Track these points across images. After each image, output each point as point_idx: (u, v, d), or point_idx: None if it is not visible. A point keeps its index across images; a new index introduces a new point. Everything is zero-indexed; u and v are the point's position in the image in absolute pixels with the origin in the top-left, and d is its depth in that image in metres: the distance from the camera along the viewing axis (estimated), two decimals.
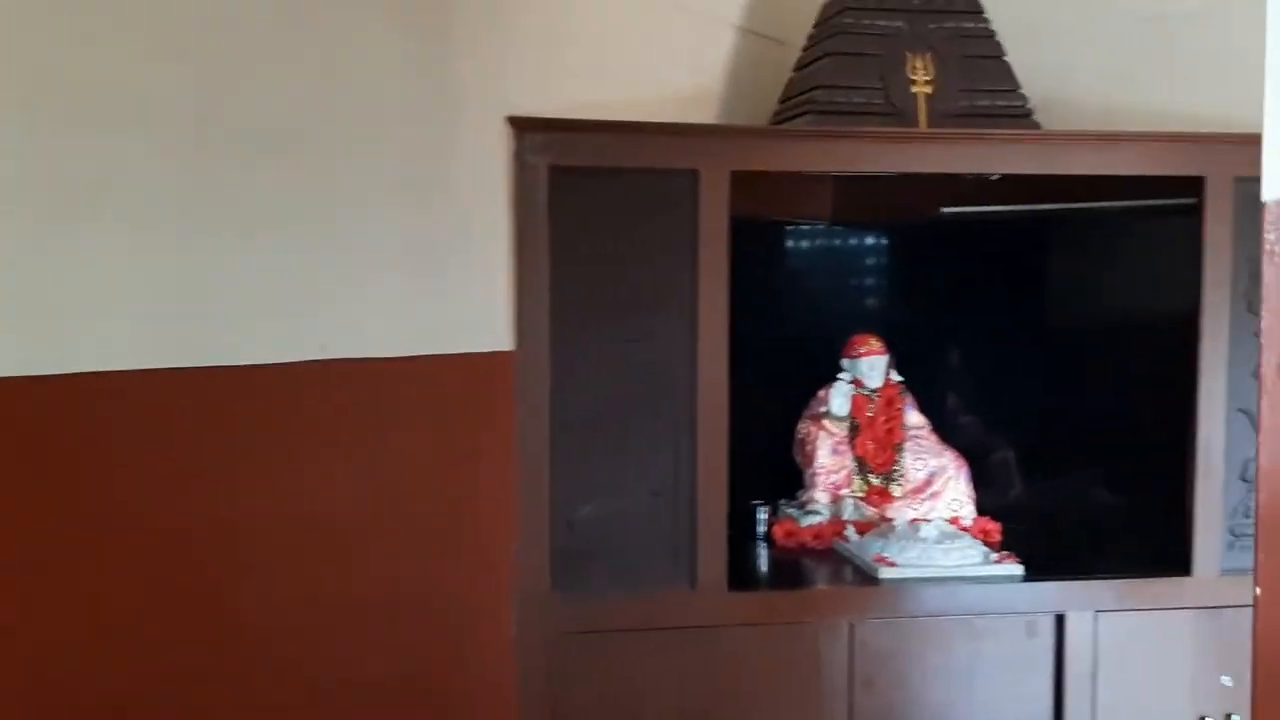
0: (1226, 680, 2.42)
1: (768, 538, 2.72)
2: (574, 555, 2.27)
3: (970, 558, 2.46)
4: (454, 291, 2.14)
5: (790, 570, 2.55)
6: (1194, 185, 2.38)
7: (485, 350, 2.20)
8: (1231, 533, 2.44)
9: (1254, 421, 2.43)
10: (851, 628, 2.36)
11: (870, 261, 3.22)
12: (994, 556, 2.47)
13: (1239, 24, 2.57)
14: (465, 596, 2.17)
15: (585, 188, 2.24)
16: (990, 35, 2.55)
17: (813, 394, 2.92)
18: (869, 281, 3.23)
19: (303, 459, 1.91)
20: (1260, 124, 2.50)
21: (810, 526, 2.70)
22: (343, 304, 1.96)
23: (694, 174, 2.25)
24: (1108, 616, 2.41)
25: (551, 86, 2.30)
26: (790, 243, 3.18)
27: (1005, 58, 2.54)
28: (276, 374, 1.86)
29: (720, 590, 2.30)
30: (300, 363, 1.89)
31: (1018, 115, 2.51)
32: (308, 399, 1.92)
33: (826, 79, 2.47)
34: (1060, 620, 2.40)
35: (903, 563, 2.44)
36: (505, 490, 2.22)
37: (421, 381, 2.08)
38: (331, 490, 1.95)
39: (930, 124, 2.45)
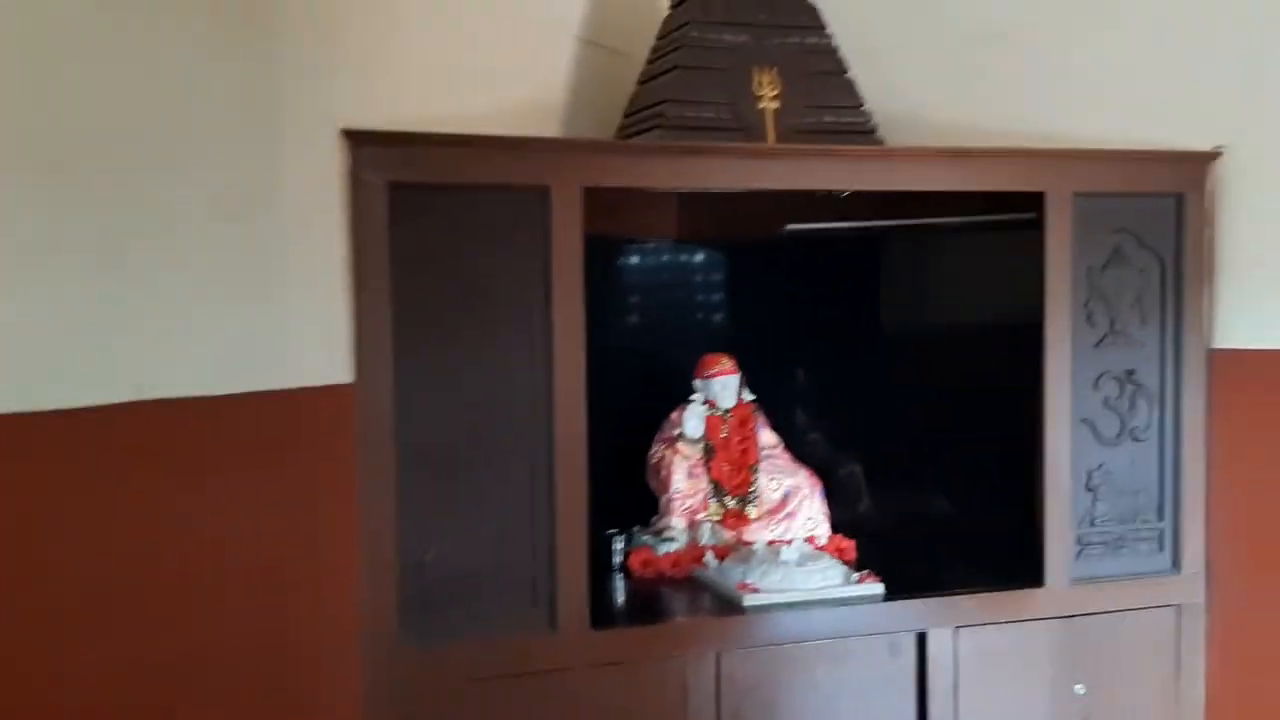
0: (1079, 689, 2.46)
1: (624, 568, 2.62)
2: (425, 601, 2.11)
3: (832, 578, 2.42)
4: (286, 321, 1.95)
5: (652, 602, 2.46)
6: (1035, 200, 2.41)
7: (321, 384, 2.02)
8: (1079, 541, 2.48)
9: (1096, 432, 2.49)
10: (718, 659, 2.27)
11: (716, 279, 3.17)
12: (855, 576, 2.44)
13: (1069, 41, 2.65)
14: (306, 653, 1.97)
15: (428, 206, 2.09)
16: (834, 51, 2.54)
17: (663, 416, 2.84)
18: (715, 299, 3.18)
19: (114, 512, 1.69)
20: (1095, 139, 2.56)
21: (668, 554, 2.61)
22: (158, 338, 1.75)
23: (544, 190, 2.13)
24: (967, 631, 2.41)
25: (385, 98, 2.14)
26: (634, 260, 3.09)
27: (849, 74, 2.54)
28: (82, 418, 1.64)
29: (583, 629, 2.18)
30: (110, 405, 1.68)
31: (863, 131, 2.51)
32: (120, 445, 1.70)
33: (675, 93, 2.40)
34: (922, 638, 2.39)
35: (765, 588, 2.37)
36: (347, 535, 2.04)
37: (250, 421, 1.88)
38: (148, 546, 1.73)
39: (778, 140, 2.41)
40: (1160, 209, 2.49)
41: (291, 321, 1.96)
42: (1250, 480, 2.52)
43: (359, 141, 2.03)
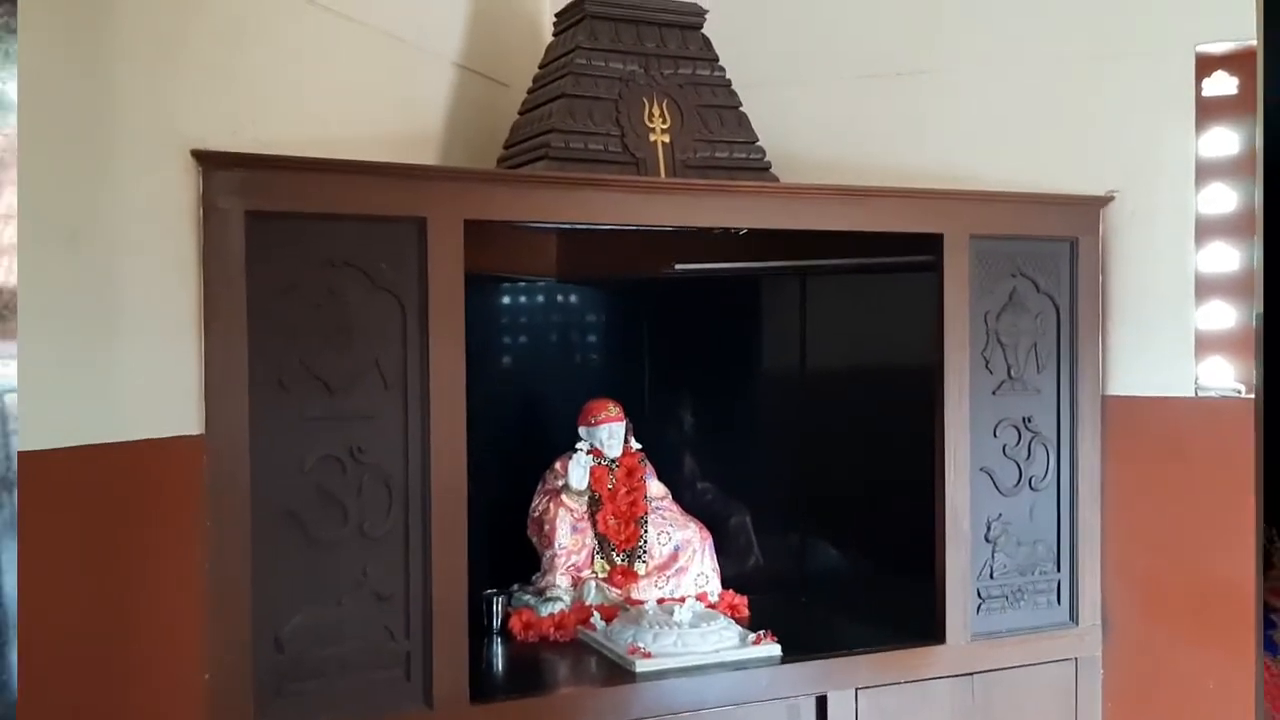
0: None
1: (503, 631, 2.42)
2: (285, 678, 1.88)
3: (728, 640, 2.28)
4: (122, 364, 1.71)
5: (535, 669, 2.27)
6: (933, 242, 2.34)
7: (164, 436, 1.78)
8: (979, 595, 2.40)
9: (995, 481, 2.42)
10: None
11: (597, 320, 3.01)
12: (751, 637, 2.30)
13: (963, 83, 2.61)
14: None
15: (290, 237, 1.88)
16: (726, 84, 2.44)
17: (540, 464, 2.67)
18: (596, 340, 3.02)
19: None
20: (989, 182, 2.47)
21: (551, 615, 2.43)
22: None
23: (421, 222, 1.95)
24: (867, 693, 2.29)
25: (239, 119, 1.92)
26: (512, 299, 2.90)
27: (741, 108, 2.43)
28: None
29: (462, 706, 1.98)
30: None
31: (757, 168, 2.40)
32: None
33: (561, 123, 2.25)
34: (822, 702, 2.26)
35: (658, 652, 2.21)
36: (190, 608, 1.80)
37: (73, 481, 1.62)
38: None
39: (670, 174, 2.29)
40: (1055, 253, 2.45)
41: (127, 364, 1.72)
42: (1142, 531, 2.48)
43: (211, 164, 1.82)
